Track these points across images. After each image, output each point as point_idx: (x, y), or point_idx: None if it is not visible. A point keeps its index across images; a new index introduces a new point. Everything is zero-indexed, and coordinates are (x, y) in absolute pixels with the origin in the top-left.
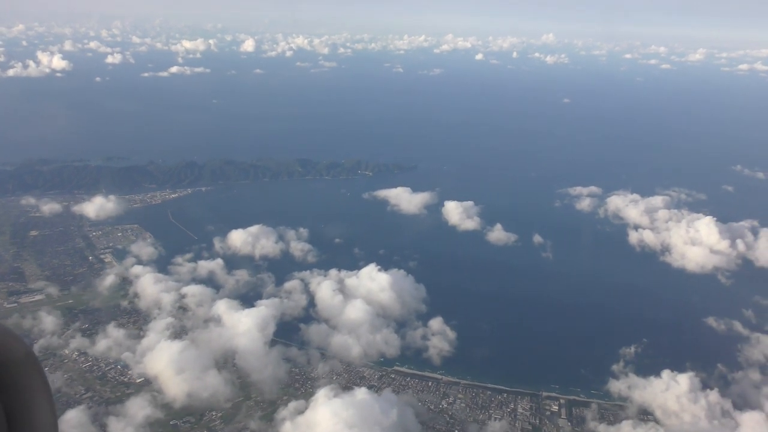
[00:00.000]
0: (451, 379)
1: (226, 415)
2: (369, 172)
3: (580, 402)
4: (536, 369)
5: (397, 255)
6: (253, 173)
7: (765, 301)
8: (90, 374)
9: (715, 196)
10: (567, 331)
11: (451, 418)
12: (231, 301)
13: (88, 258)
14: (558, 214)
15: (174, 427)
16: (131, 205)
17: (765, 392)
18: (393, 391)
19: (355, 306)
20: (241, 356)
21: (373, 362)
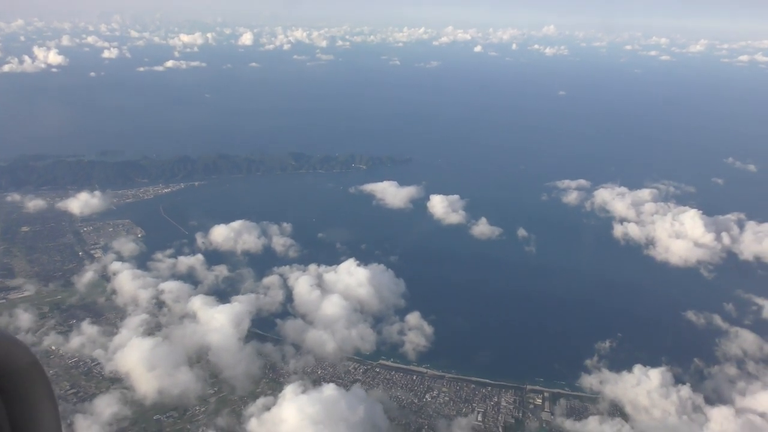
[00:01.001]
0: (436, 372)
1: (195, 412)
2: (363, 165)
3: (564, 395)
4: (512, 362)
5: (379, 249)
6: (246, 168)
7: (746, 295)
8: (63, 371)
9: (704, 189)
10: (545, 325)
11: (432, 412)
12: (206, 297)
13: (78, 254)
14: (544, 207)
15: (156, 423)
16: (123, 201)
17: (739, 387)
18: (365, 387)
19: (331, 301)
20: (214, 352)
21: (359, 356)
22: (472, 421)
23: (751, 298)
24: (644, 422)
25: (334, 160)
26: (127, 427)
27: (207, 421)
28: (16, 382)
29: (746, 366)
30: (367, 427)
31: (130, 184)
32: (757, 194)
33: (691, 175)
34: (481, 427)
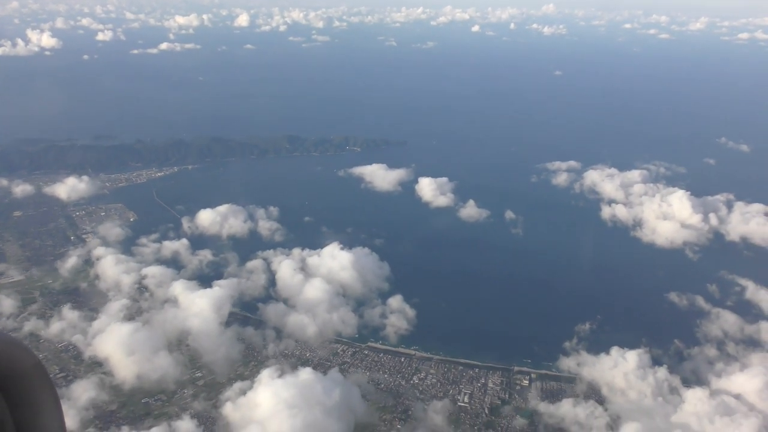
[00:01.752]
0: (424, 354)
1: (182, 395)
2: (357, 148)
3: (553, 377)
4: (493, 344)
5: (365, 233)
6: (240, 151)
7: (730, 276)
8: (52, 355)
9: (695, 170)
10: (528, 307)
11: (412, 395)
12: (188, 282)
13: (70, 238)
14: (533, 189)
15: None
16: (116, 185)
17: (717, 368)
18: (354, 369)
19: (313, 285)
20: (193, 337)
21: (348, 338)
22: (459, 403)
23: (735, 279)
24: (620, 404)
25: (329, 143)
26: (116, 410)
27: (183, 406)
28: (19, 384)
29: (726, 347)
30: (343, 410)
31: (124, 168)
32: (748, 174)
33: (682, 156)
34: (468, 408)
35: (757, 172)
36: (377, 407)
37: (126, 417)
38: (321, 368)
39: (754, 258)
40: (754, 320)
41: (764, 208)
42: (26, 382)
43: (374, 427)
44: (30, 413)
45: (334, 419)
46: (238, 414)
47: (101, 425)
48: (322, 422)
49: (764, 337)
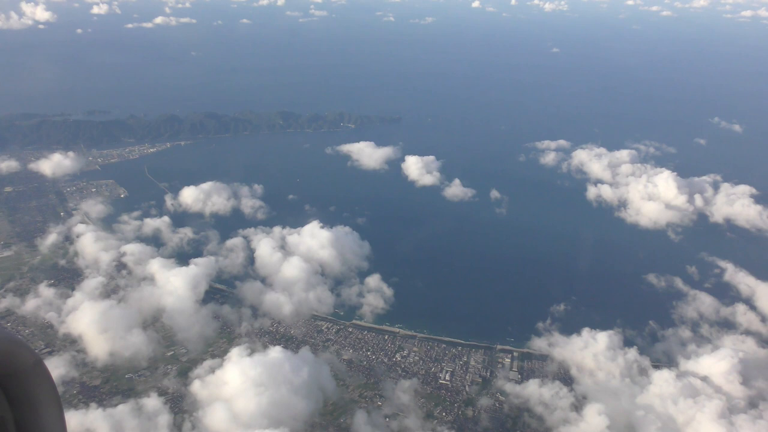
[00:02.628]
0: (408, 332)
1: (166, 371)
2: (352, 124)
3: (535, 356)
4: (468, 323)
5: (348, 212)
6: (233, 127)
7: (710, 258)
8: (38, 330)
9: (685, 150)
10: (506, 286)
11: (382, 373)
12: (165, 260)
13: (60, 214)
14: (520, 168)
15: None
16: (108, 161)
17: (690, 350)
18: (337, 346)
19: (291, 263)
20: (168, 315)
21: (333, 316)
22: (440, 380)
23: (715, 261)
24: (587, 385)
25: (323, 120)
26: (99, 385)
27: (152, 384)
28: (20, 383)
29: (701, 329)
30: (312, 388)
31: (116, 143)
32: (738, 155)
33: (674, 136)
34: (449, 386)
35: (748, 153)
36: (347, 385)
37: (109, 392)
38: (304, 345)
39: (736, 240)
40: (730, 302)
41: (750, 190)
42: (27, 380)
43: (345, 405)
44: (31, 411)
45: (302, 397)
46: (206, 392)
47: (84, 400)
48: (289, 400)
49: (739, 320)
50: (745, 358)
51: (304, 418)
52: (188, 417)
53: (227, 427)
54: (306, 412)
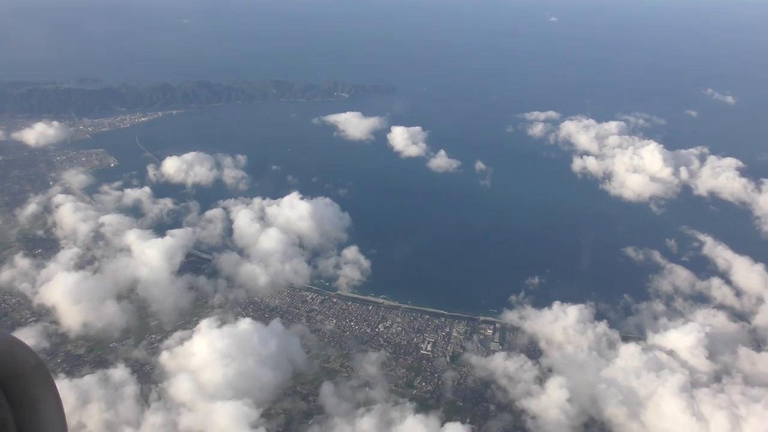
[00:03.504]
0: (392, 303)
1: (151, 340)
2: (346, 93)
3: (516, 328)
4: (443, 295)
5: (330, 182)
6: (226, 96)
7: (690, 231)
8: (24, 300)
9: (675, 122)
10: (484, 259)
11: (350, 346)
12: (142, 231)
13: (50, 183)
14: (507, 140)
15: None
16: (99, 130)
17: (660, 324)
18: (321, 316)
19: (268, 235)
20: (143, 286)
21: (318, 286)
22: (422, 351)
23: (695, 235)
24: (554, 358)
25: (317, 89)
26: (83, 354)
27: (122, 354)
28: (21, 384)
29: (675, 303)
30: (280, 359)
31: (108, 112)
32: (728, 127)
33: (665, 107)
34: (430, 356)
35: (738, 125)
36: (317, 356)
37: (93, 361)
38: (288, 316)
39: (719, 213)
40: (706, 276)
41: (736, 163)
42: (28, 381)
43: (314, 376)
44: (31, 412)
45: (269, 369)
46: (174, 363)
47: (68, 368)
48: (256, 372)
49: (714, 294)
50: (712, 332)
51: (271, 389)
52: (155, 388)
53: (192, 397)
54: (273, 383)
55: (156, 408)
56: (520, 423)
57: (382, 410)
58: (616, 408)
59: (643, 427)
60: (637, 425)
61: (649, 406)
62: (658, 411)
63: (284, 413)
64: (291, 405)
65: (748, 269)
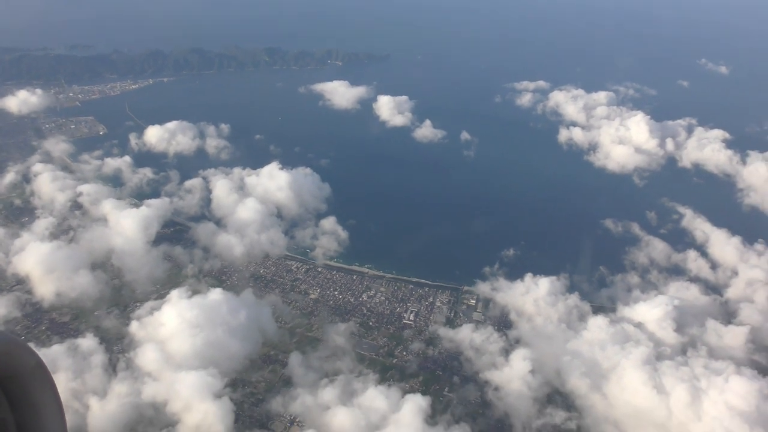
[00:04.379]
0: (377, 272)
1: (134, 308)
2: (339, 61)
3: (489, 299)
4: (417, 265)
5: (313, 152)
6: (218, 63)
7: (671, 203)
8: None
9: (666, 92)
10: (462, 230)
11: (323, 317)
12: (118, 201)
13: (33, 152)
14: (495, 110)
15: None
16: (89, 97)
17: (633, 296)
18: (305, 285)
19: (246, 205)
20: (117, 256)
21: (303, 255)
22: (404, 320)
23: (675, 207)
24: (523, 330)
25: (310, 57)
26: (69, 321)
27: (92, 324)
28: (22, 385)
29: (649, 275)
30: (250, 330)
31: (98, 79)
32: (719, 98)
33: (657, 77)
34: (412, 325)
35: (730, 96)
36: (287, 327)
37: (76, 329)
38: (273, 285)
39: (702, 185)
40: (683, 249)
41: (723, 134)
42: (28, 382)
43: (284, 346)
44: (31, 413)
45: (238, 339)
46: (144, 332)
47: (51, 334)
48: (224, 341)
49: (690, 266)
50: (681, 305)
51: (240, 359)
52: (122, 357)
53: (158, 367)
54: (242, 353)
55: (122, 377)
56: (482, 395)
57: (345, 381)
58: (578, 380)
59: (605, 399)
60: (599, 397)
61: (612, 378)
62: (621, 383)
63: (250, 383)
64: (258, 375)
65: (724, 242)
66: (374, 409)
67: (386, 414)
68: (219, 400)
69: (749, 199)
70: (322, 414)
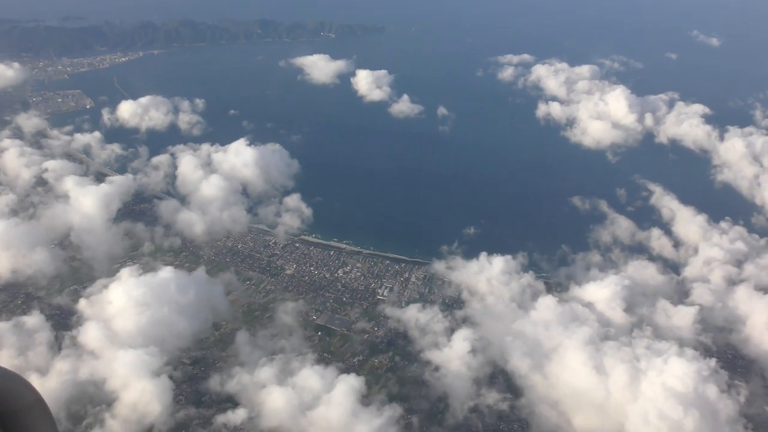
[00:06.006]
0: (354, 248)
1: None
2: (332, 34)
3: (444, 278)
4: (381, 242)
5: (285, 128)
6: (210, 35)
7: (642, 180)
8: None
9: (652, 65)
10: (427, 206)
11: (279, 295)
12: (81, 178)
13: (8, 126)
14: (475, 84)
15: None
16: (78, 70)
17: (591, 275)
18: (282, 261)
19: (210, 182)
20: (76, 234)
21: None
22: (378, 296)
23: (645, 184)
24: (474, 309)
25: (303, 29)
26: (43, 296)
27: (44, 301)
28: (20, 420)
29: (611, 254)
30: (200, 308)
31: (88, 51)
32: (706, 72)
33: (645, 49)
34: (385, 300)
35: (718, 68)
36: (240, 305)
37: (27, 306)
38: (249, 260)
39: (677, 161)
40: (648, 227)
41: (703, 109)
42: (27, 417)
43: (235, 324)
44: None
45: (187, 317)
46: (91, 311)
47: (26, 309)
48: (171, 320)
49: (653, 244)
50: (634, 284)
51: (187, 337)
52: (68, 335)
53: (100, 345)
54: (190, 331)
55: (65, 355)
56: (422, 374)
57: (284, 360)
58: (519, 360)
59: (545, 380)
60: (540, 377)
61: (553, 358)
62: (561, 363)
63: (192, 362)
64: (204, 353)
65: (689, 220)
66: (308, 388)
67: (319, 394)
68: (157, 379)
69: (722, 176)
70: (256, 393)
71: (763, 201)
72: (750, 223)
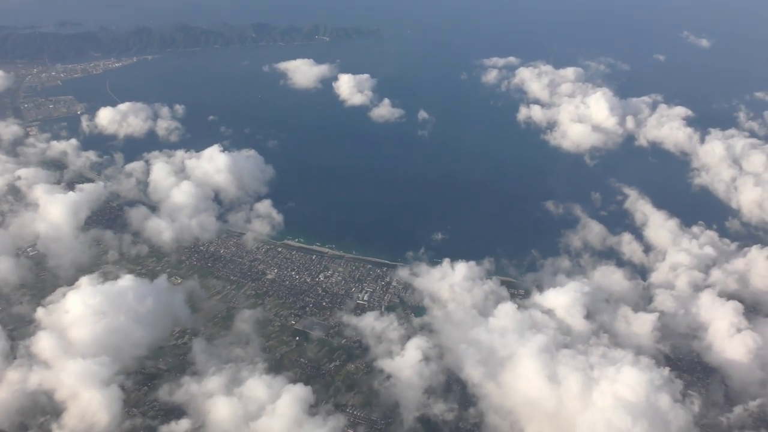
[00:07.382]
0: (337, 252)
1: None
2: (327, 37)
3: (408, 285)
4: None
5: (262, 133)
6: (204, 40)
7: (617, 184)
8: None
9: (639, 67)
10: (397, 212)
11: (239, 302)
12: (51, 186)
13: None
14: (458, 87)
15: None
16: (71, 76)
17: (557, 281)
18: (264, 265)
19: (181, 189)
20: (42, 242)
21: (266, 235)
22: (358, 300)
23: (621, 188)
24: (433, 316)
25: (297, 32)
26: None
27: (3, 310)
28: None
29: (581, 259)
30: (159, 316)
31: (82, 57)
32: (693, 73)
33: (633, 51)
34: (366, 306)
35: (706, 70)
36: (202, 313)
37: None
38: (231, 265)
39: (656, 165)
40: (620, 231)
41: (686, 112)
42: None
43: (194, 333)
44: None
45: (145, 326)
46: (49, 319)
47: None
48: (128, 329)
49: (623, 249)
50: (598, 291)
51: (144, 346)
52: (22, 344)
53: (52, 354)
54: (148, 339)
55: (17, 364)
56: (373, 383)
57: (234, 369)
58: (473, 368)
59: (499, 388)
60: (494, 386)
61: (508, 366)
62: (515, 372)
63: (145, 371)
64: (157, 362)
65: (660, 225)
66: (254, 398)
67: (264, 404)
68: (106, 389)
69: (700, 179)
70: (203, 403)
71: (739, 204)
72: (723, 228)
